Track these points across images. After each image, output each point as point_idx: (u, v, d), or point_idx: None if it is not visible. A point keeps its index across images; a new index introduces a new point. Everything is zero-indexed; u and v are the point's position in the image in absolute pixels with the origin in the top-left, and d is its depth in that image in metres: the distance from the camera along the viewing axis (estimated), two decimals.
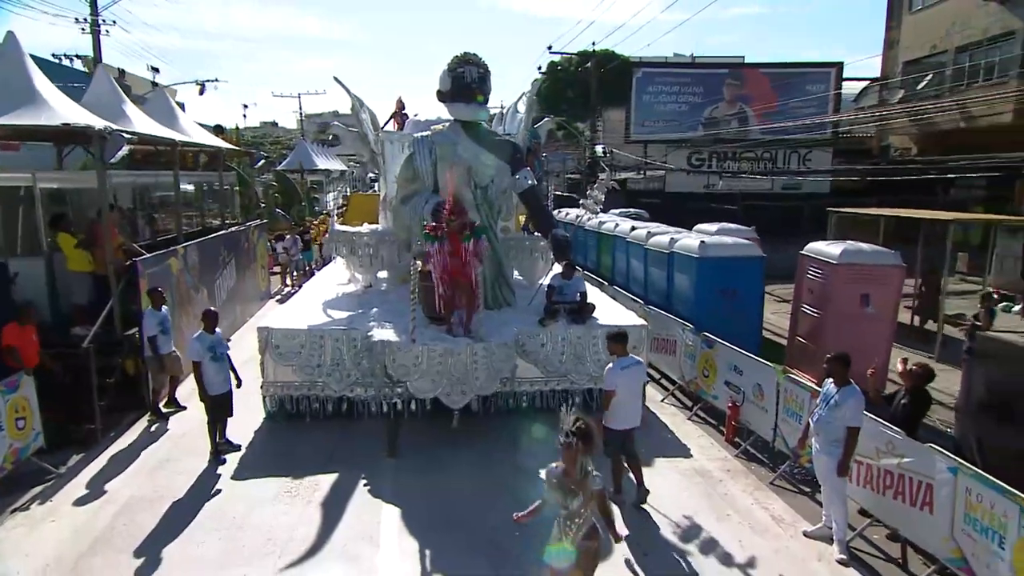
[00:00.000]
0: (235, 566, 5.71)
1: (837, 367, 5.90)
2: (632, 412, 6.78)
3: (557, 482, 4.36)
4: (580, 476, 4.30)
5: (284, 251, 19.41)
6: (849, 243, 10.08)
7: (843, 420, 5.80)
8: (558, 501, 4.37)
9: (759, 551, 5.99)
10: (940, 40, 24.82)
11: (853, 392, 5.83)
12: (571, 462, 4.29)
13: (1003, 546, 4.78)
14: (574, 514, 4.32)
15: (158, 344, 9.02)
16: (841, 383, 5.87)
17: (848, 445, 5.78)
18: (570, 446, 4.25)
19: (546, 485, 4.43)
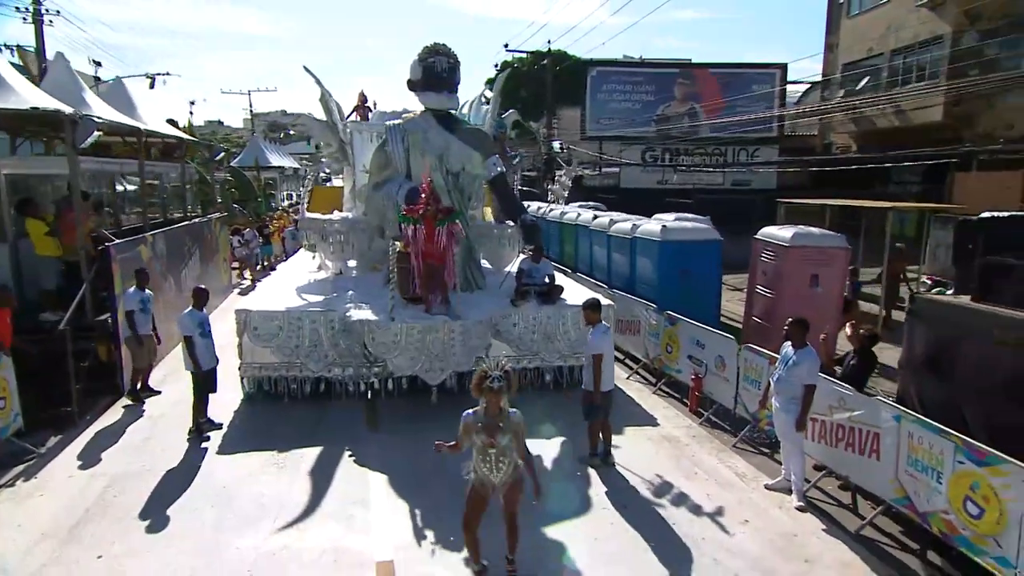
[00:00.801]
0: (231, 529, 5.91)
1: (796, 330, 6.43)
2: (612, 374, 7.33)
3: (483, 424, 4.73)
4: (504, 416, 4.73)
5: (243, 245, 19.28)
6: (799, 227, 10.75)
7: (800, 379, 6.33)
8: (484, 442, 4.73)
9: (725, 502, 6.49)
10: (876, 43, 26.15)
11: (810, 353, 6.38)
12: (497, 404, 4.70)
13: (940, 481, 5.36)
14: (504, 450, 4.75)
15: (136, 321, 9.01)
16: (799, 345, 6.40)
17: (805, 402, 6.32)
18: (501, 389, 4.65)
19: (466, 427, 4.79)
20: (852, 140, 28.08)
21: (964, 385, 5.70)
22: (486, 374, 4.71)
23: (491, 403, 4.72)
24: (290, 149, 59.44)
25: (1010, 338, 5.33)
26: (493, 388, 4.66)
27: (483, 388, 4.71)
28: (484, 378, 4.70)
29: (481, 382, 4.72)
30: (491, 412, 4.75)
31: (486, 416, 4.76)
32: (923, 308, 6.26)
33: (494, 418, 4.74)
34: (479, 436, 4.75)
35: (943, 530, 5.36)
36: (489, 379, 4.67)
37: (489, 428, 4.72)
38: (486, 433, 4.73)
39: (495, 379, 4.65)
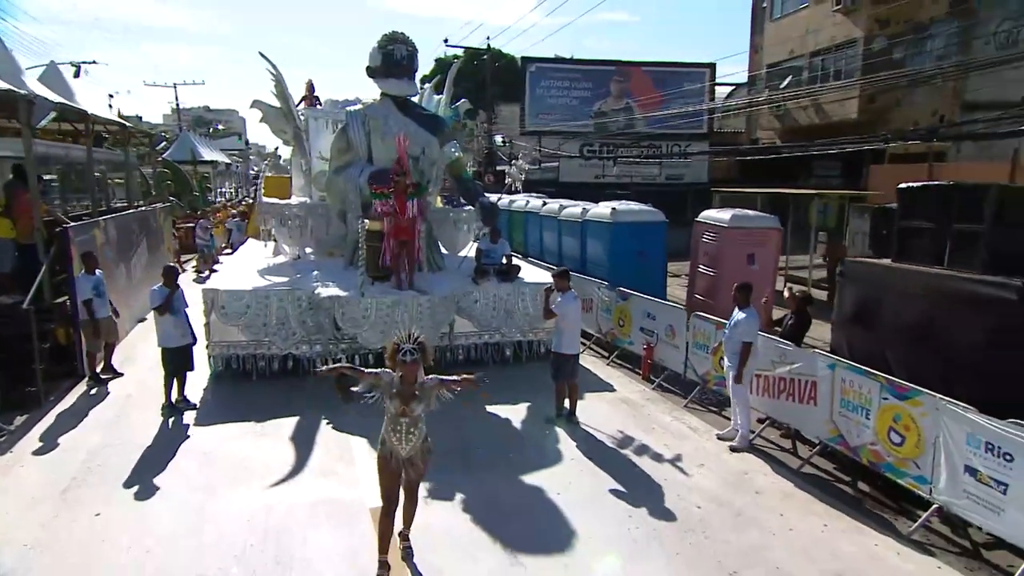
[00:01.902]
0: (223, 487, 6.16)
1: (739, 293, 7.15)
2: (576, 338, 7.90)
3: (397, 391, 4.59)
4: (420, 385, 4.62)
5: (205, 231, 19.20)
6: (737, 210, 11.60)
7: (739, 336, 7.04)
8: (397, 410, 4.61)
9: (682, 451, 7.13)
10: (797, 45, 27.78)
11: (751, 314, 7.09)
12: (414, 374, 4.55)
13: (868, 417, 6.13)
14: (417, 420, 4.66)
15: (93, 307, 9.02)
16: (743, 307, 7.11)
17: (741, 356, 7.01)
18: (416, 361, 4.52)
19: (381, 385, 4.66)
20: (776, 136, 29.69)
21: (886, 332, 6.51)
22: (398, 347, 4.56)
23: (407, 374, 4.56)
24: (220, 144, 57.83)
25: (922, 289, 6.16)
26: (407, 361, 4.51)
27: (397, 360, 4.58)
28: (397, 351, 4.57)
29: (395, 354, 4.58)
30: (408, 382, 4.59)
31: (402, 385, 4.60)
32: (851, 270, 7.08)
33: (409, 386, 4.59)
34: (392, 403, 4.63)
35: (871, 460, 6.13)
36: (402, 352, 4.53)
37: (404, 396, 4.59)
38: (400, 400, 4.59)
39: (407, 352, 4.51)
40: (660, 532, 5.50)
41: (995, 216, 5.88)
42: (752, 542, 5.37)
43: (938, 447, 5.45)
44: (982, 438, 5.12)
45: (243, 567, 4.94)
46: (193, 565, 4.95)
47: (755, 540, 5.40)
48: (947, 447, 5.38)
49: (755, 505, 5.97)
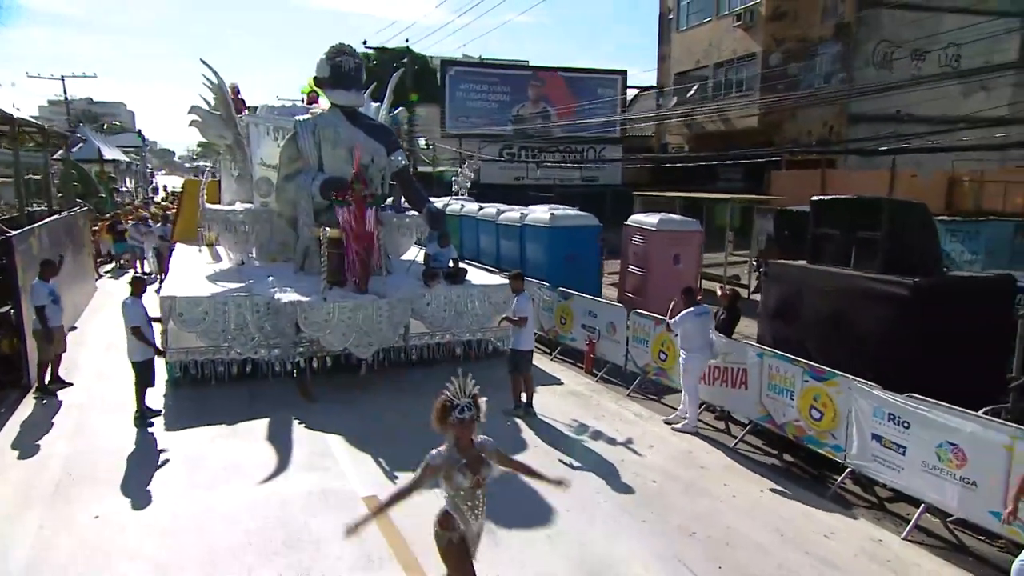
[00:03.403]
0: (215, 484, 6.46)
1: (686, 296, 8.05)
2: (531, 335, 8.62)
3: (466, 462, 3.85)
4: (478, 445, 3.92)
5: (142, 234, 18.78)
6: (663, 214, 12.65)
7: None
8: (472, 483, 3.87)
9: (632, 434, 7.97)
10: (702, 56, 29.65)
11: (700, 310, 7.96)
12: (471, 434, 3.86)
13: (792, 398, 7.14)
14: (487, 487, 3.97)
15: (47, 315, 8.91)
16: (687, 306, 7.98)
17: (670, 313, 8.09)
18: (473, 418, 3.81)
19: (435, 470, 3.88)
20: (685, 141, 31.54)
21: (805, 324, 7.57)
22: (450, 403, 3.78)
23: (462, 437, 3.82)
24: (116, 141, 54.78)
25: (833, 286, 7.25)
26: (464, 419, 3.77)
27: (449, 421, 3.78)
28: (448, 409, 3.78)
29: (446, 413, 3.78)
30: (463, 446, 3.84)
31: (460, 453, 3.84)
32: (774, 270, 8.14)
33: (469, 451, 3.86)
34: (464, 478, 3.84)
35: (795, 434, 7.15)
36: (456, 408, 3.76)
37: (473, 464, 3.84)
38: (471, 471, 3.83)
39: (463, 408, 3.76)
40: (626, 504, 6.27)
41: (890, 225, 7.02)
42: (704, 508, 6.23)
43: (850, 420, 6.50)
44: (885, 410, 6.19)
45: (257, 552, 5.33)
46: (209, 554, 5.29)
47: (707, 506, 6.26)
48: (858, 419, 6.43)
49: (702, 478, 6.86)
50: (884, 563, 5.47)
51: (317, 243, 9.72)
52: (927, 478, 5.83)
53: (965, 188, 18.48)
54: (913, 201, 8.03)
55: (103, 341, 11.88)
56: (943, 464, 5.74)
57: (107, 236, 20.99)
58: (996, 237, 14.93)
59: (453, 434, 3.83)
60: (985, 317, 6.74)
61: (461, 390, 3.84)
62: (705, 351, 7.83)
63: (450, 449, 3.86)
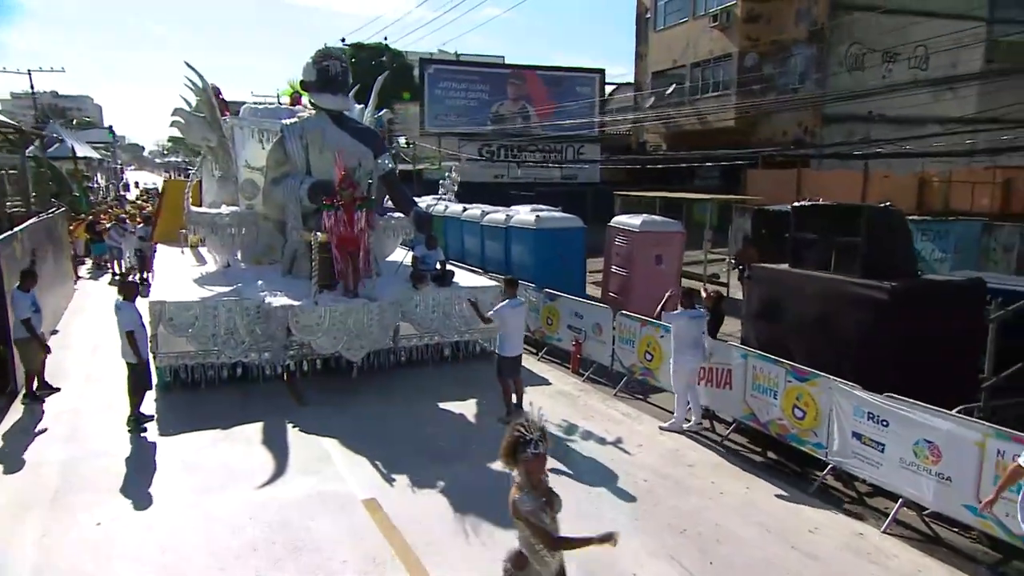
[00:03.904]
0: (215, 490, 6.54)
1: (685, 297, 8.26)
2: (519, 342, 8.63)
3: (541, 504, 3.54)
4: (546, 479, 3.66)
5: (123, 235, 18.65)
6: (645, 215, 12.89)
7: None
8: (552, 522, 3.59)
9: (620, 434, 8.18)
10: (679, 56, 30.03)
11: (692, 312, 8.15)
12: (543, 469, 3.61)
13: (776, 397, 7.41)
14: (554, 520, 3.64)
15: (34, 324, 8.88)
16: (687, 308, 8.16)
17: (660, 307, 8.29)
18: (545, 453, 3.57)
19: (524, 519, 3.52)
20: (662, 140, 31.93)
21: (787, 326, 7.84)
22: (523, 438, 3.50)
23: (535, 473, 3.54)
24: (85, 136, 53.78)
25: (814, 290, 7.54)
26: (539, 453, 3.52)
27: (521, 457, 3.51)
28: (519, 443, 3.51)
29: (516, 448, 3.51)
30: (536, 482, 3.56)
31: (534, 490, 3.54)
32: (757, 274, 8.40)
33: (540, 487, 3.58)
34: (546, 517, 3.56)
35: (779, 432, 7.42)
36: (530, 444, 3.49)
37: (550, 501, 3.61)
38: (551, 508, 3.59)
39: (536, 442, 3.50)
40: (618, 503, 6.48)
41: (868, 231, 7.30)
42: (693, 506, 6.46)
43: (832, 418, 6.77)
44: (865, 409, 6.46)
45: (261, 556, 5.44)
46: (213, 559, 5.39)
47: (695, 504, 6.49)
48: (839, 418, 6.70)
49: (690, 476, 7.10)
50: (865, 555, 5.74)
51: (307, 247, 9.79)
52: (905, 474, 6.12)
53: (935, 188, 19.03)
54: (890, 208, 8.34)
55: (88, 343, 11.85)
56: (920, 460, 6.03)
57: (83, 235, 20.75)
58: (965, 236, 15.43)
59: (525, 470, 3.54)
60: (958, 319, 7.05)
61: (531, 424, 3.55)
62: (696, 353, 8.03)
63: (527, 488, 3.54)
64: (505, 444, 3.58)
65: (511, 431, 3.58)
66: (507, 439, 3.57)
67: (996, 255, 15.50)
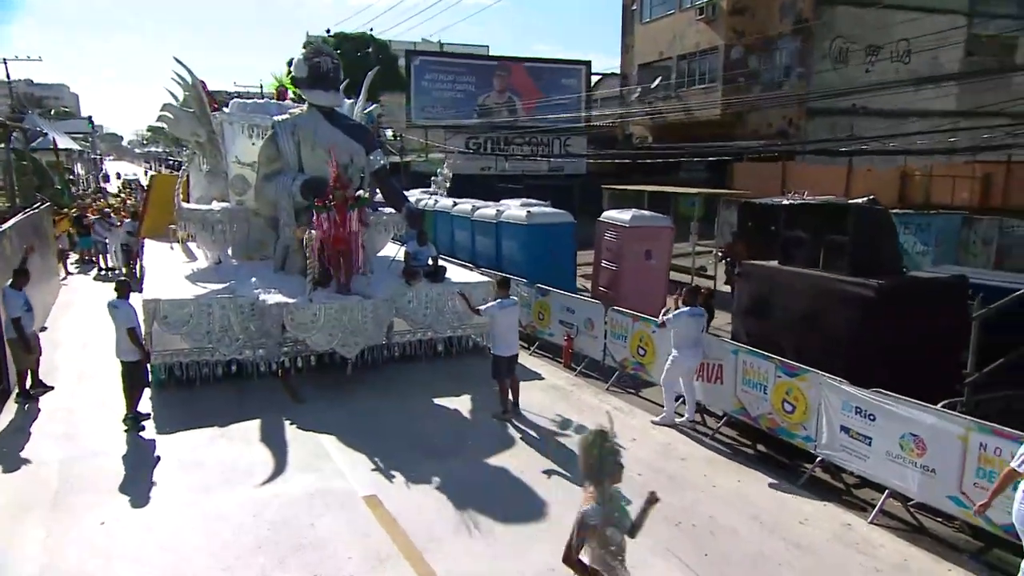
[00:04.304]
0: (217, 488, 6.61)
1: (686, 295, 8.38)
2: (512, 341, 8.62)
3: (617, 515, 3.51)
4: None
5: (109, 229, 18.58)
6: (635, 211, 13.02)
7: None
8: (618, 537, 3.53)
9: (613, 427, 8.31)
10: (665, 49, 30.14)
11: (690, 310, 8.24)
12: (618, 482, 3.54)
13: (766, 392, 7.59)
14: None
15: (24, 324, 8.85)
16: (688, 306, 8.27)
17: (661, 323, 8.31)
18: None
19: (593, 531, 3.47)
20: (648, 132, 32.07)
21: (777, 322, 8.01)
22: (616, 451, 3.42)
23: (616, 484, 3.47)
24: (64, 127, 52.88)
25: (803, 287, 7.72)
26: (622, 464, 3.47)
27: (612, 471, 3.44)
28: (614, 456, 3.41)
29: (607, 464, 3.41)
30: (612, 497, 3.47)
31: (612, 504, 3.45)
32: (747, 271, 8.57)
33: (616, 502, 3.47)
34: (618, 533, 3.49)
35: (768, 426, 7.60)
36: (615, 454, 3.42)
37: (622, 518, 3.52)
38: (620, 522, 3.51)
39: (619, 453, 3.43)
40: None
41: (856, 230, 7.48)
42: (687, 499, 6.62)
43: (820, 413, 6.95)
44: (853, 404, 6.65)
45: (268, 555, 5.53)
46: (220, 558, 5.47)
47: (689, 497, 6.66)
48: (827, 412, 6.88)
49: (684, 469, 7.27)
50: (853, 546, 5.94)
51: (301, 245, 9.82)
52: (891, 466, 6.32)
53: (916, 182, 19.34)
54: (877, 208, 8.53)
55: (78, 340, 11.81)
56: (905, 453, 6.22)
57: (68, 229, 20.54)
58: (945, 229, 15.72)
59: (610, 483, 3.46)
60: (943, 316, 7.25)
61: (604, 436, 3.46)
62: (696, 351, 8.16)
63: (599, 504, 3.42)
64: (596, 458, 3.43)
65: (599, 443, 3.43)
66: (598, 452, 3.42)
67: (976, 248, 15.82)
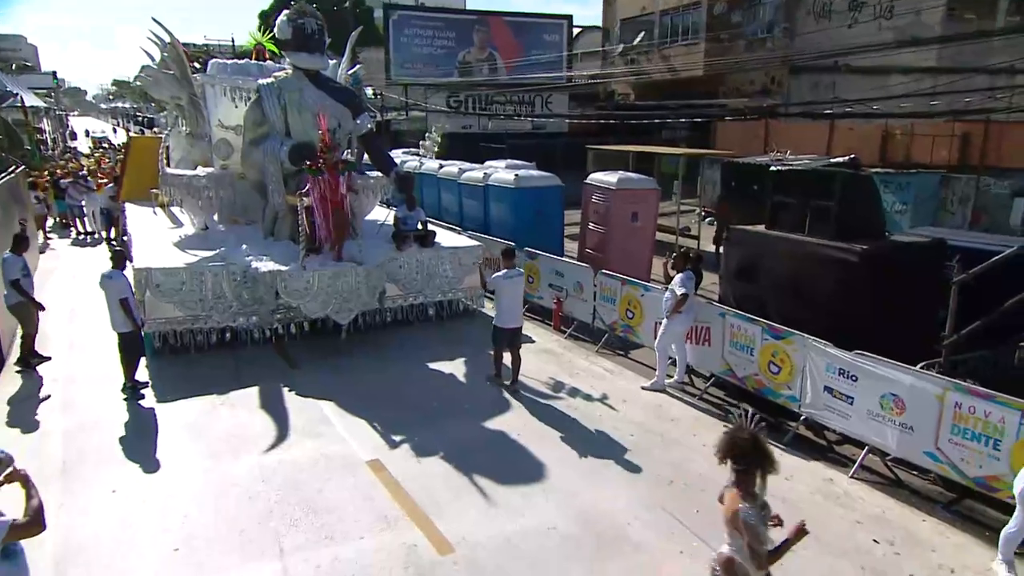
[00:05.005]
0: (223, 455, 6.77)
1: (678, 260, 8.54)
2: (516, 314, 8.56)
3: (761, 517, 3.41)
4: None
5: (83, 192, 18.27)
6: (621, 173, 13.10)
7: (677, 288, 8.41)
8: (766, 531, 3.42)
9: (605, 390, 8.59)
10: (648, 3, 29.76)
11: (686, 274, 8.42)
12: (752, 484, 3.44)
13: (752, 353, 7.86)
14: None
15: (24, 287, 8.83)
16: (680, 270, 8.44)
17: (676, 303, 8.34)
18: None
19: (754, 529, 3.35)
20: (631, 90, 31.87)
21: (764, 285, 8.25)
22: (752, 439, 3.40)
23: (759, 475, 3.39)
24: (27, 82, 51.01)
25: (789, 251, 7.94)
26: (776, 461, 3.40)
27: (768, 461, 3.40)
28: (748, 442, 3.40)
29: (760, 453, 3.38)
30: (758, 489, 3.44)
31: (752, 500, 3.40)
32: (735, 235, 8.76)
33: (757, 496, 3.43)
34: (766, 528, 3.42)
35: (755, 387, 7.90)
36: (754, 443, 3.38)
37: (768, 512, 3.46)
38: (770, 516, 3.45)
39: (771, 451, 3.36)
40: (608, 458, 6.89)
41: (842, 195, 7.67)
42: (678, 458, 6.92)
43: (805, 374, 7.25)
44: (836, 365, 6.94)
45: (280, 518, 5.73)
46: (234, 523, 5.66)
47: (680, 456, 6.96)
48: (812, 373, 7.18)
49: (674, 429, 7.56)
50: (834, 499, 6.29)
51: (293, 211, 9.81)
52: (872, 424, 6.64)
53: (897, 140, 19.57)
54: (862, 174, 8.71)
55: (65, 308, 11.75)
56: (885, 412, 6.55)
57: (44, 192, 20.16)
58: (923, 188, 16.03)
59: (760, 475, 3.43)
60: (923, 279, 7.53)
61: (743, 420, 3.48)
62: (688, 315, 8.37)
63: (750, 498, 3.39)
64: (748, 445, 3.42)
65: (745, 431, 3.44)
66: (747, 439, 3.43)
67: (952, 206, 16.18)
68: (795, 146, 19.28)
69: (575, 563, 5.26)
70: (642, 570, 5.21)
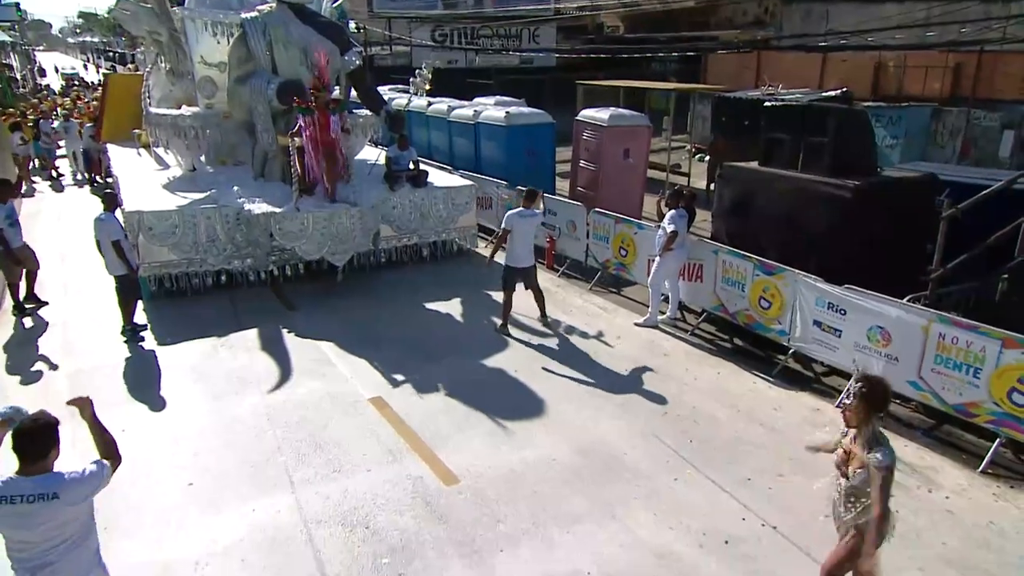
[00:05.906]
0: (228, 395, 6.92)
1: (671, 198, 8.57)
2: (525, 253, 8.48)
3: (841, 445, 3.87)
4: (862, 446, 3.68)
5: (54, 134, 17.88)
6: (613, 109, 12.97)
7: (667, 225, 8.48)
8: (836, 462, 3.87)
9: (599, 327, 8.77)
10: None
11: (677, 212, 8.46)
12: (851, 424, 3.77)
13: (743, 289, 8.01)
14: (854, 491, 3.71)
15: (7, 237, 8.77)
16: (673, 208, 8.48)
17: (668, 239, 8.44)
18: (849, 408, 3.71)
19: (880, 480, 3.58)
20: (620, 21, 31.11)
21: (757, 222, 8.35)
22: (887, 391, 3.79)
23: (847, 421, 3.79)
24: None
25: (782, 188, 8.01)
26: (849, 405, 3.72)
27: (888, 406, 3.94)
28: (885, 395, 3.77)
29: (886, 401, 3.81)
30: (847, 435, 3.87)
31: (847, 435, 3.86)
32: (727, 172, 8.79)
33: (849, 443, 3.81)
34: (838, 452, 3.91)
35: (745, 322, 8.09)
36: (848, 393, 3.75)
37: (846, 452, 3.82)
38: (843, 453, 3.84)
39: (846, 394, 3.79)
40: (605, 392, 7.11)
41: (836, 131, 7.68)
42: (672, 390, 7.15)
43: (795, 308, 7.43)
44: (826, 299, 7.11)
45: (288, 452, 5.93)
46: (244, 459, 5.85)
47: (674, 388, 7.18)
48: (802, 308, 7.36)
49: (667, 363, 7.78)
50: (822, 427, 6.54)
51: (284, 152, 9.71)
52: (858, 355, 6.86)
53: (890, 72, 19.39)
54: (855, 109, 8.69)
55: (54, 252, 11.69)
56: (871, 344, 6.76)
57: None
58: (915, 122, 16.02)
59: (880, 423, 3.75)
60: (913, 213, 7.65)
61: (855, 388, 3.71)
62: (681, 252, 8.46)
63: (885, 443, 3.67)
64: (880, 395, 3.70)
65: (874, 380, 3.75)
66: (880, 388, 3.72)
67: (943, 140, 16.21)
68: (787, 78, 19.04)
69: (576, 491, 5.50)
70: (639, 496, 5.46)
